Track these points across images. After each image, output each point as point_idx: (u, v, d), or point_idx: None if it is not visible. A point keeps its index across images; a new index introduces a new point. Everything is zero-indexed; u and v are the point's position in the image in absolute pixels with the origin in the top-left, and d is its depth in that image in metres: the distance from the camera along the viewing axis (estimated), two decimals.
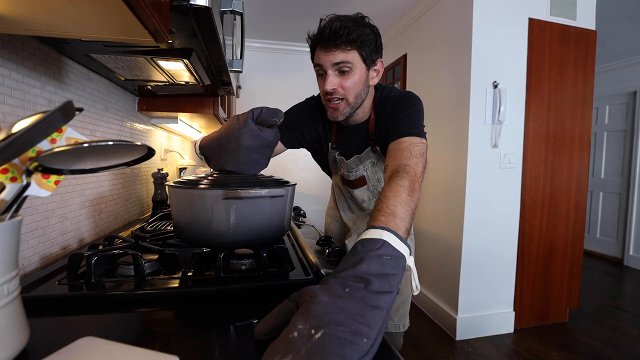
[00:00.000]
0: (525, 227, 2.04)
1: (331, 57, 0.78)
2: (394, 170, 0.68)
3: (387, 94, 0.90)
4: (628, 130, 3.51)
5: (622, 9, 2.41)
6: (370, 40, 0.79)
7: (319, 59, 0.81)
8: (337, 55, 0.78)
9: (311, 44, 0.83)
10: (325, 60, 0.79)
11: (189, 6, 0.56)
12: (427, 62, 2.39)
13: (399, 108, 0.83)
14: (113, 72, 0.93)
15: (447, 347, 1.90)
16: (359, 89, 0.82)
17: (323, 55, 0.79)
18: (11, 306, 0.36)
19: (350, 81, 0.80)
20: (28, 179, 0.39)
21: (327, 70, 0.80)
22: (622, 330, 2.10)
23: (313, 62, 0.85)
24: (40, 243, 0.74)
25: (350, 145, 0.96)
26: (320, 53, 0.80)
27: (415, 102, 0.84)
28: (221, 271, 0.61)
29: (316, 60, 0.82)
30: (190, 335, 0.44)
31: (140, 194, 1.41)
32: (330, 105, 0.84)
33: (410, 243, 0.63)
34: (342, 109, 0.83)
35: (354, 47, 0.78)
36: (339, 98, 0.82)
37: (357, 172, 0.97)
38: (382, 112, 0.88)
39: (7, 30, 0.53)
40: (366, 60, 0.80)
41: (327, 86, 0.80)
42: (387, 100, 0.88)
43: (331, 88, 0.80)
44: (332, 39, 0.76)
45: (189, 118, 1.60)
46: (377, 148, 0.92)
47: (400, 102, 0.85)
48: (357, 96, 0.83)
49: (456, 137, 2.04)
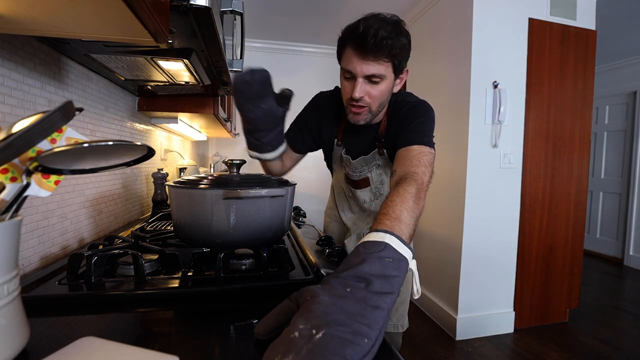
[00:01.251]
0: (525, 227, 2.04)
1: (366, 67, 0.75)
2: (401, 176, 0.68)
3: (402, 100, 0.89)
4: (628, 130, 3.51)
5: (622, 9, 2.42)
6: (406, 51, 0.77)
7: (351, 63, 0.76)
8: (372, 66, 0.75)
9: (343, 41, 0.79)
10: (360, 68, 0.75)
11: (189, 6, 0.56)
12: (427, 62, 2.39)
13: (412, 115, 0.83)
14: (113, 72, 0.93)
15: (447, 347, 1.90)
16: (384, 98, 0.82)
17: (358, 62, 0.75)
18: (11, 306, 0.36)
19: (377, 91, 0.79)
20: (28, 179, 0.39)
21: (357, 76, 0.77)
22: (622, 330, 2.10)
23: (341, 62, 0.81)
24: (40, 243, 0.74)
25: (358, 145, 0.96)
26: (354, 57, 0.76)
27: (428, 111, 0.84)
28: (221, 271, 0.61)
29: (347, 66, 0.77)
30: (190, 335, 0.44)
31: (140, 194, 1.41)
32: (353, 109, 0.82)
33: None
34: (364, 115, 0.83)
35: (390, 60, 0.75)
36: (364, 105, 0.81)
37: (361, 173, 0.97)
38: (395, 116, 0.88)
39: (7, 30, 0.53)
40: (396, 71, 0.79)
41: (355, 94, 0.77)
42: (402, 105, 0.87)
43: (359, 96, 0.78)
44: (374, 48, 0.72)
45: (189, 118, 1.60)
46: (383, 151, 0.92)
47: (414, 109, 0.84)
48: (380, 104, 0.82)
49: (456, 137, 2.04)
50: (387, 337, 0.42)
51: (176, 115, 1.48)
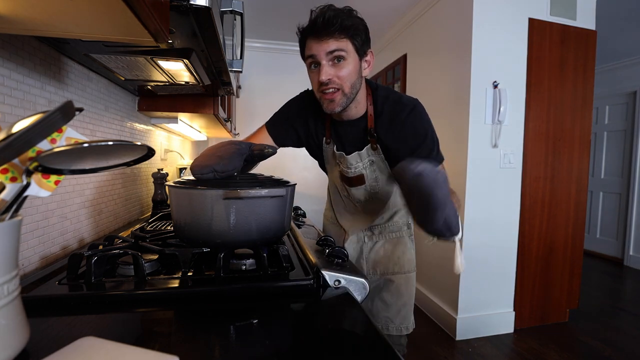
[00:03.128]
0: (525, 227, 2.04)
1: (325, 45, 0.77)
2: None
3: (387, 95, 0.89)
4: (628, 130, 3.51)
5: (622, 9, 2.42)
6: (361, 30, 0.80)
7: (311, 49, 0.79)
8: (331, 43, 0.77)
9: (301, 36, 0.82)
10: (319, 49, 0.78)
11: (189, 6, 0.56)
12: (427, 62, 2.39)
13: (414, 136, 0.85)
14: (113, 72, 0.93)
15: (447, 347, 1.90)
16: (354, 78, 0.82)
17: (316, 45, 0.78)
18: (11, 306, 0.36)
19: (345, 70, 0.80)
20: (28, 179, 0.39)
21: (320, 60, 0.79)
22: (622, 330, 2.10)
23: (304, 55, 0.83)
24: (40, 243, 0.74)
25: (348, 141, 0.95)
26: (312, 43, 0.79)
27: (427, 125, 0.86)
28: (221, 271, 0.61)
29: (308, 52, 0.80)
30: (190, 335, 0.44)
31: (140, 194, 1.41)
32: (325, 97, 0.82)
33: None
34: (339, 99, 0.82)
35: (347, 37, 0.78)
36: (335, 88, 0.81)
37: (356, 169, 0.96)
38: (388, 116, 0.88)
39: (7, 30, 0.53)
40: (359, 51, 0.81)
41: (322, 76, 0.79)
42: (395, 105, 0.87)
43: (327, 78, 0.79)
44: (326, 27, 0.76)
45: (189, 118, 1.61)
46: (377, 146, 0.91)
47: (417, 119, 0.85)
48: (352, 86, 0.82)
49: (456, 137, 2.04)
50: (391, 340, 0.42)
51: (176, 115, 1.48)
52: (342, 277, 0.62)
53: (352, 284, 0.62)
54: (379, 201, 1.03)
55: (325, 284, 0.61)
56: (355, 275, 0.63)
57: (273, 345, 0.42)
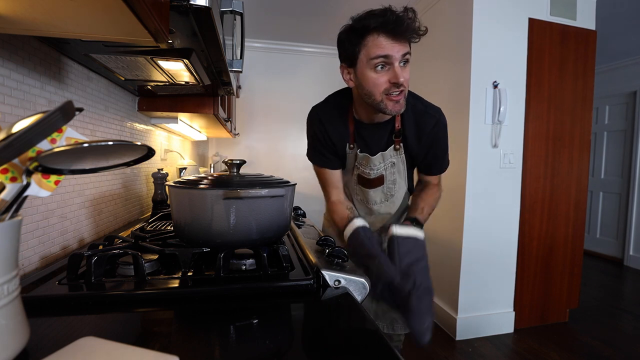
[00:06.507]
0: (525, 227, 2.04)
1: (401, 47, 0.77)
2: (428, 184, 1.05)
3: (417, 105, 0.93)
4: (628, 130, 3.51)
5: (622, 9, 2.41)
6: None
7: (385, 49, 0.76)
8: (406, 46, 0.78)
9: (366, 31, 0.78)
10: (395, 50, 0.77)
11: (189, 6, 0.56)
12: (427, 62, 2.39)
13: (441, 141, 0.96)
14: (113, 72, 0.93)
15: (447, 347, 1.90)
16: None
17: (391, 45, 0.76)
18: (11, 306, 0.36)
19: (409, 73, 0.82)
20: (28, 179, 0.39)
21: (394, 61, 0.78)
22: (622, 330, 2.10)
23: (363, 53, 0.80)
24: (40, 243, 0.74)
25: (374, 142, 0.96)
26: (387, 43, 0.76)
27: (445, 136, 0.97)
28: (221, 271, 0.61)
29: (380, 51, 0.77)
30: (190, 335, 0.44)
31: (140, 194, 1.41)
32: (392, 98, 0.81)
33: None
34: (403, 101, 0.83)
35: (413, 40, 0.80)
36: (403, 90, 0.82)
37: (378, 170, 0.97)
38: (417, 124, 0.92)
39: (7, 30, 0.53)
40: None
41: (400, 78, 0.78)
42: (423, 115, 0.92)
43: (404, 79, 0.79)
44: (408, 29, 0.76)
45: (189, 118, 1.60)
46: (400, 146, 0.94)
47: (441, 130, 0.95)
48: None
49: (456, 137, 2.04)
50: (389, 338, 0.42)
51: (176, 115, 1.48)
52: (342, 277, 0.62)
53: (352, 284, 0.62)
54: (392, 204, 1.05)
55: (325, 284, 0.61)
56: (355, 275, 0.63)
57: (273, 345, 0.42)
